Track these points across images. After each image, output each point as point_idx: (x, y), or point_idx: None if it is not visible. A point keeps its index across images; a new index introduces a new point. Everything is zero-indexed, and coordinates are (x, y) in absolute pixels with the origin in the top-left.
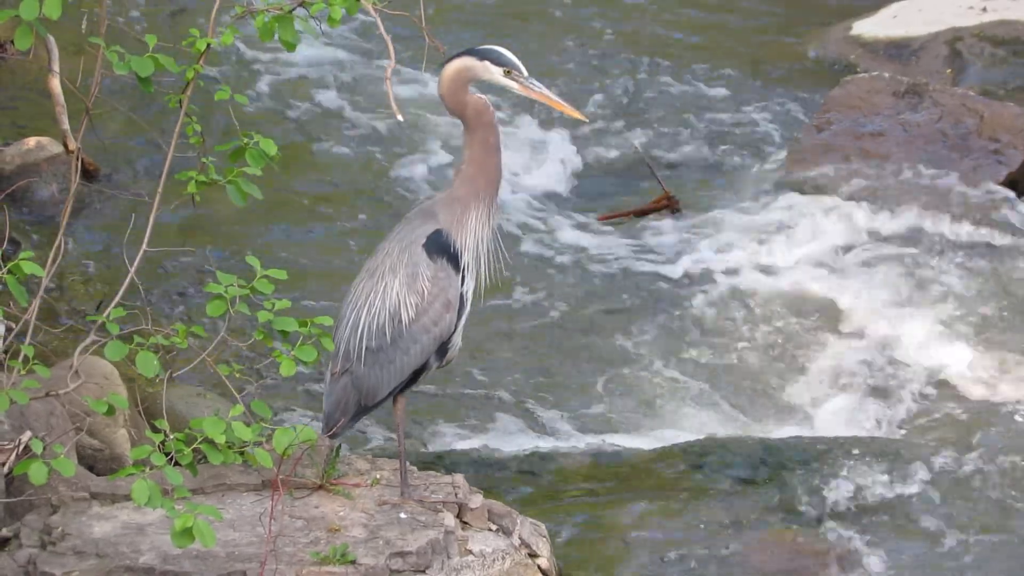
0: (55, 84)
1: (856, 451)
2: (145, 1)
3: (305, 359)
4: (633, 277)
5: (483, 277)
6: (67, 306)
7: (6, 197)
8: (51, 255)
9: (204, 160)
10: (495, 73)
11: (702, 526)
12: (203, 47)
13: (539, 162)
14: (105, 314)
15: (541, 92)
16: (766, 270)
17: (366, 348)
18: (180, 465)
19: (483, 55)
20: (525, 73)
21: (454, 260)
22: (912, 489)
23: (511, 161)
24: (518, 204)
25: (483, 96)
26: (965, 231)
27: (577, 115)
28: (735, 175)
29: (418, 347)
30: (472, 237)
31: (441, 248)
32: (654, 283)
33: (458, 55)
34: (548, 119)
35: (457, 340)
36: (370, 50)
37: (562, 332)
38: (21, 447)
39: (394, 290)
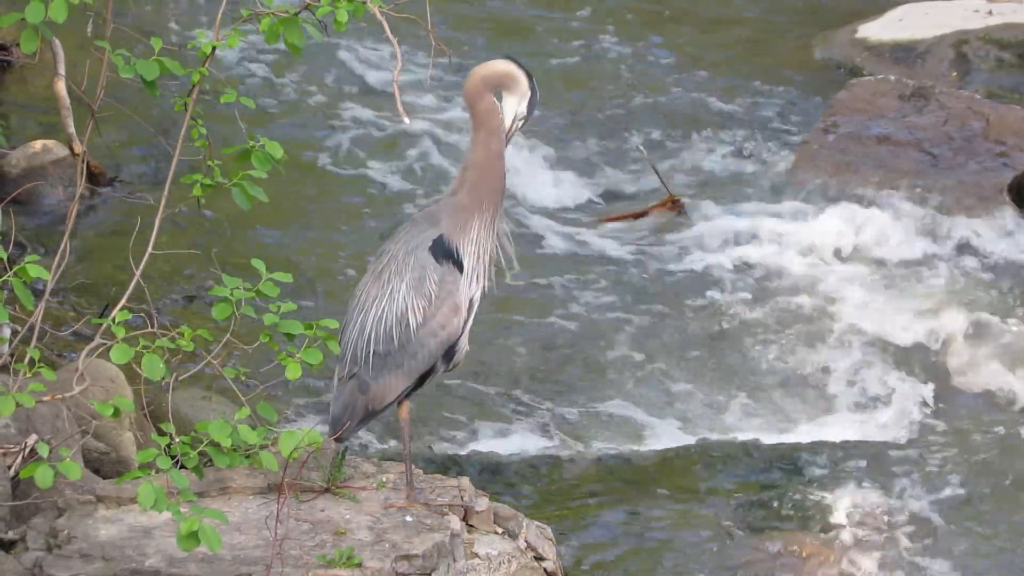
0: (61, 87)
1: (863, 454)
2: (151, 4)
3: (311, 362)
4: (638, 280)
5: (489, 282)
6: (73, 309)
7: (12, 200)
8: (57, 258)
9: (210, 163)
10: (520, 107)
11: (708, 529)
12: (208, 50)
13: (542, 164)
14: (111, 317)
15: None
16: (771, 273)
17: (373, 352)
18: (186, 468)
19: (532, 89)
20: (521, 126)
21: (459, 265)
22: (918, 492)
23: (515, 165)
24: (522, 207)
25: (498, 103)
26: (970, 234)
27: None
28: (740, 178)
29: (426, 351)
30: (475, 244)
31: (447, 253)
32: (659, 286)
33: (513, 61)
34: (550, 122)
35: (464, 344)
36: (376, 53)
37: (567, 335)
38: (27, 450)
39: (401, 294)
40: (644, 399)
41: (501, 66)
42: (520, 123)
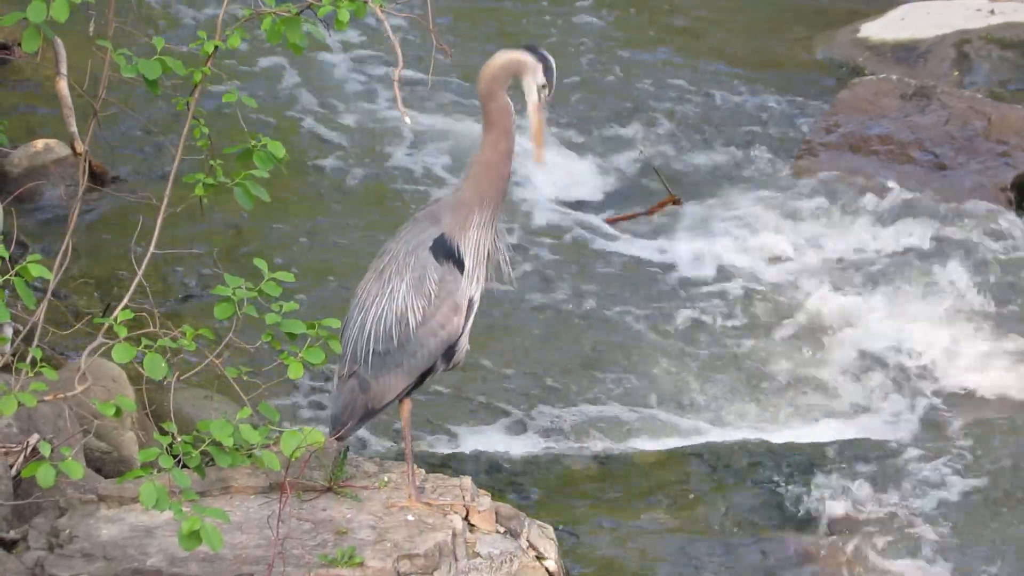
0: (63, 86)
1: (863, 454)
2: (153, 3)
3: (313, 361)
4: (639, 280)
5: (489, 281)
6: (75, 308)
7: (14, 199)
8: (59, 257)
9: (212, 162)
10: (537, 79)
11: (710, 529)
12: (211, 49)
13: (545, 165)
14: (113, 316)
15: (540, 122)
16: (772, 273)
17: (373, 351)
18: (188, 467)
19: (541, 58)
20: (550, 96)
21: (460, 264)
22: (919, 491)
23: (518, 165)
24: (524, 208)
25: (511, 102)
26: (972, 234)
27: (541, 158)
28: (741, 177)
29: (426, 350)
30: (474, 242)
31: (447, 252)
32: (661, 286)
33: (518, 48)
34: (550, 122)
35: (464, 343)
36: (378, 52)
37: (569, 334)
38: (29, 449)
39: (401, 293)
40: (646, 399)
41: (505, 57)
42: (545, 92)
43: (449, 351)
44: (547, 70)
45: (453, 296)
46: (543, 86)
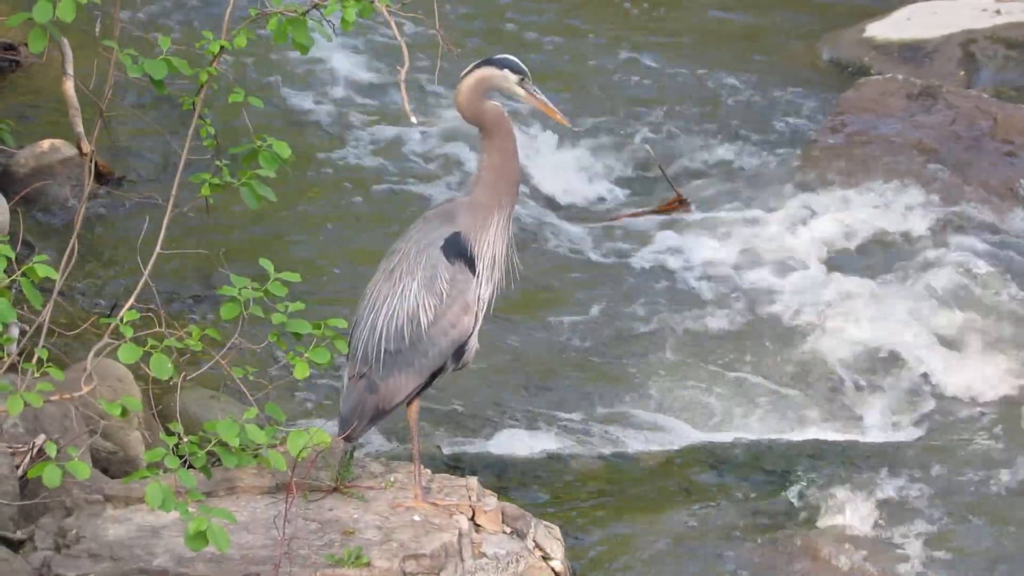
0: (69, 87)
1: (866, 454)
2: (158, 4)
3: (319, 361)
4: (644, 279)
5: (499, 282)
6: (81, 309)
7: (20, 199)
8: (65, 258)
9: (218, 162)
10: (512, 81)
11: (714, 528)
12: (216, 49)
13: (550, 165)
14: (119, 316)
15: (542, 100)
16: (777, 272)
17: (384, 351)
18: (194, 468)
19: (502, 64)
20: (530, 80)
21: (471, 264)
22: (921, 491)
23: (523, 165)
24: (530, 207)
25: (499, 104)
26: (977, 233)
27: (565, 121)
28: (748, 177)
29: (437, 350)
30: (490, 243)
31: (459, 251)
32: (665, 285)
33: (477, 65)
34: (556, 122)
35: (474, 343)
36: (384, 53)
37: (574, 335)
38: (35, 450)
39: (412, 292)
40: (650, 399)
41: (473, 77)
42: (528, 80)
43: (459, 351)
44: (513, 68)
45: (464, 296)
46: (521, 80)
